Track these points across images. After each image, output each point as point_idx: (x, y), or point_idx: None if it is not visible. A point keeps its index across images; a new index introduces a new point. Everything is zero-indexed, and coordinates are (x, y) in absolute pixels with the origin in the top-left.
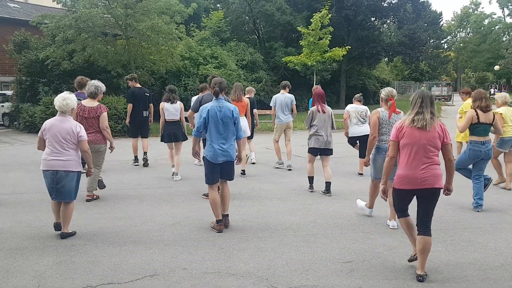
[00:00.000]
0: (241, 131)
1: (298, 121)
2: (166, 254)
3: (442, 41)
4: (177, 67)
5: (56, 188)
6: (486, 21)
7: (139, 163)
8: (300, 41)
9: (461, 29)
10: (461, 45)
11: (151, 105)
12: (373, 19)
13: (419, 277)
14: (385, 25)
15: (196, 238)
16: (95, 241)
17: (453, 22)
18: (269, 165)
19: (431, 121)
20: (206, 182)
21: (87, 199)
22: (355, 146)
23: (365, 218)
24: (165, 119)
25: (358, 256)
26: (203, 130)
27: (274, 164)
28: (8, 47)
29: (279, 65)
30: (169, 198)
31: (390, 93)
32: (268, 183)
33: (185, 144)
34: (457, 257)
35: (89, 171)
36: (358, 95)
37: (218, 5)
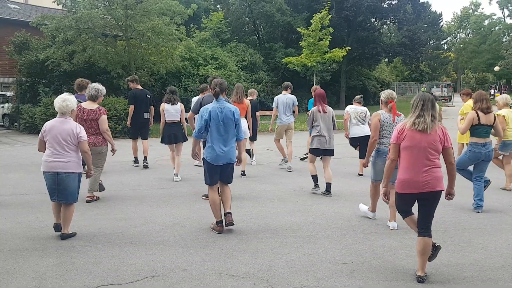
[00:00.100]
0: (242, 132)
1: (298, 122)
2: (166, 255)
3: (442, 42)
4: (177, 68)
5: (58, 189)
6: (486, 22)
7: (139, 163)
8: (300, 42)
9: (461, 30)
10: (461, 46)
11: (152, 107)
12: (373, 20)
13: (419, 278)
14: (385, 26)
15: (196, 239)
16: (95, 242)
17: (453, 23)
18: (269, 166)
19: (432, 124)
20: (205, 182)
21: (87, 200)
22: (356, 148)
23: (365, 219)
24: (165, 120)
25: (358, 257)
26: (204, 131)
27: (279, 163)
28: (8, 48)
29: (279, 66)
30: (169, 199)
31: (390, 95)
32: (268, 184)
33: (185, 145)
34: (457, 258)
35: (89, 172)
36: (358, 96)
37: (218, 6)
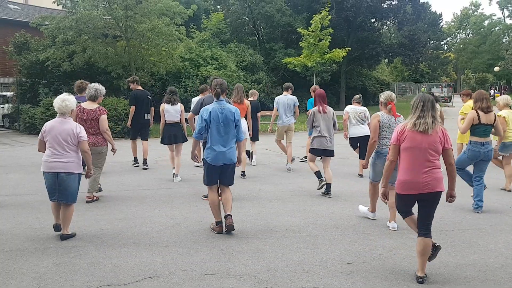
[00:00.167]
0: (242, 133)
1: (298, 122)
2: (166, 256)
3: (442, 42)
4: (177, 68)
5: (58, 189)
6: (486, 22)
7: (139, 163)
8: (300, 43)
9: (461, 30)
10: (461, 46)
11: (152, 108)
12: (373, 20)
13: (419, 278)
14: (385, 26)
15: (196, 240)
16: (95, 242)
17: (453, 23)
18: (269, 166)
19: (432, 125)
20: (204, 183)
21: (87, 200)
22: (355, 150)
23: (365, 220)
24: (165, 120)
25: (358, 257)
26: (205, 132)
27: (286, 164)
28: (8, 48)
29: (279, 67)
30: (169, 200)
31: (389, 97)
32: (268, 184)
33: (185, 146)
34: (457, 258)
35: (89, 172)
36: (357, 96)
37: (218, 6)
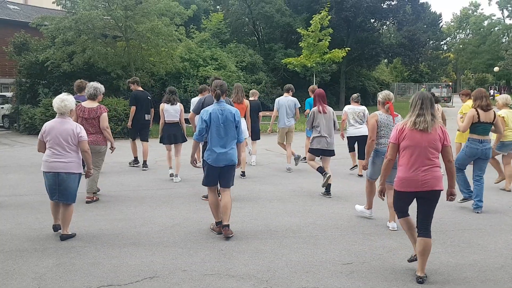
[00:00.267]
0: (242, 134)
1: (298, 123)
2: (165, 256)
3: (442, 43)
4: (177, 68)
5: (58, 189)
6: (486, 23)
7: (140, 163)
8: (299, 43)
9: (461, 31)
10: (461, 46)
11: (152, 109)
12: (372, 20)
13: (419, 278)
14: (384, 26)
15: (196, 240)
16: (94, 243)
17: (452, 24)
18: (268, 166)
19: (432, 123)
20: (202, 184)
21: (87, 200)
22: (351, 152)
23: (365, 220)
24: (164, 120)
25: (358, 257)
26: (205, 133)
27: (295, 162)
28: (8, 49)
29: (279, 67)
30: (169, 200)
31: (387, 96)
32: (268, 184)
33: (184, 146)
34: (457, 258)
35: (89, 172)
36: (355, 95)
37: (218, 7)
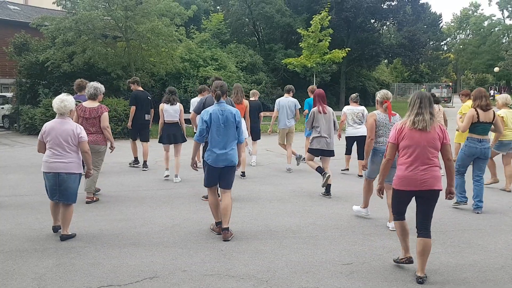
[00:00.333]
0: (243, 135)
1: (298, 123)
2: (165, 256)
3: (442, 43)
4: (177, 69)
5: (59, 190)
6: (486, 23)
7: (140, 163)
8: (300, 43)
9: (461, 31)
10: (461, 46)
11: (152, 110)
12: (372, 21)
13: (419, 279)
14: (384, 27)
15: (196, 240)
16: (94, 243)
17: (452, 24)
18: (268, 167)
19: (430, 121)
20: (204, 185)
21: (87, 201)
22: (348, 155)
23: (364, 220)
24: (164, 120)
25: (358, 258)
26: (206, 134)
27: (297, 162)
28: (8, 49)
29: (279, 67)
30: (169, 200)
31: (385, 95)
32: (268, 185)
33: (184, 146)
34: (457, 259)
35: (88, 172)
36: (354, 95)
37: (218, 7)
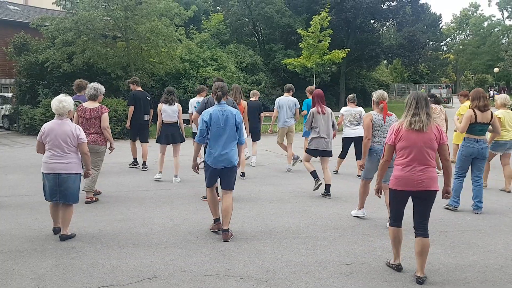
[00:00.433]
0: (243, 136)
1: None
2: (165, 257)
3: (442, 44)
4: (176, 69)
5: (59, 190)
6: (486, 24)
7: (139, 164)
8: (299, 44)
9: (461, 32)
10: (461, 47)
11: (151, 110)
12: (372, 21)
13: (418, 279)
14: (384, 27)
15: (196, 240)
16: (94, 243)
17: (452, 25)
18: (268, 167)
19: (427, 122)
20: (206, 185)
21: (86, 201)
22: (343, 158)
23: (364, 221)
24: (162, 120)
25: (357, 258)
26: (206, 134)
27: (293, 162)
28: (8, 49)
29: (279, 67)
30: (169, 201)
31: (381, 96)
32: (268, 185)
33: (183, 146)
34: (457, 259)
35: (87, 172)
36: (351, 96)
37: (218, 7)
